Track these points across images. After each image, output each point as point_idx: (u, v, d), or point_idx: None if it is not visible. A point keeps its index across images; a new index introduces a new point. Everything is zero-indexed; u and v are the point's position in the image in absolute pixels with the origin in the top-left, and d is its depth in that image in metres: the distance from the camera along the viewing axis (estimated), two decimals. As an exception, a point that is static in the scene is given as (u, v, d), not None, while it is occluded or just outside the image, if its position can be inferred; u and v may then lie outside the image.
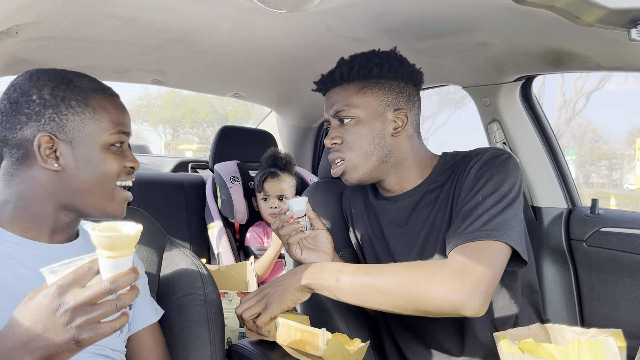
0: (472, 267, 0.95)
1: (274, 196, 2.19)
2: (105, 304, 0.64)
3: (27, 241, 0.87)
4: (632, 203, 14.51)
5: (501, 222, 1.01)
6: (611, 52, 1.22)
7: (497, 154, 1.10)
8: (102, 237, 0.63)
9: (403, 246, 1.19)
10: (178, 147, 20.90)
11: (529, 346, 0.86)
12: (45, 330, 0.63)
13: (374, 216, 1.27)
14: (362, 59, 1.14)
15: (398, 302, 0.99)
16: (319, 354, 1.00)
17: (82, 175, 0.87)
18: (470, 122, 9.39)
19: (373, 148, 1.14)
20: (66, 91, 0.87)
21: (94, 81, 0.92)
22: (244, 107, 21.58)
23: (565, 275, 1.61)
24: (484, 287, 0.94)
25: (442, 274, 0.96)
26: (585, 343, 0.81)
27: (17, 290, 0.81)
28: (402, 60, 1.16)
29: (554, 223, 1.64)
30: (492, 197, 1.04)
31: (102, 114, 0.89)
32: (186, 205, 2.44)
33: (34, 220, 0.88)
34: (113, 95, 0.94)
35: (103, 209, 0.91)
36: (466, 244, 1.00)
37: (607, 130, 28.65)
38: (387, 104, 1.14)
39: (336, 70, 1.17)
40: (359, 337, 1.11)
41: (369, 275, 1.02)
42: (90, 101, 0.89)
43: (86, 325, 0.63)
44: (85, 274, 0.65)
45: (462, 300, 0.93)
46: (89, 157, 0.88)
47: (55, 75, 0.89)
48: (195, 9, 1.26)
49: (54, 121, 0.86)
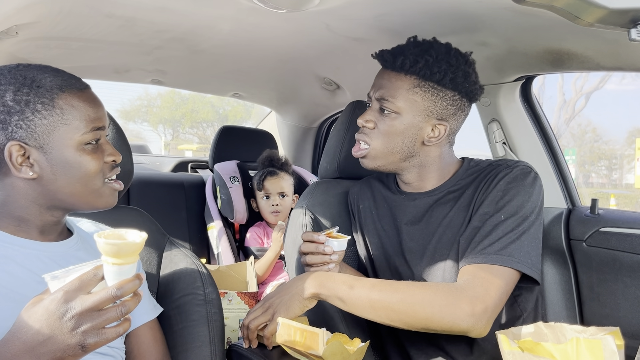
0: (484, 294, 0.99)
1: (275, 193, 2.20)
2: (111, 310, 0.65)
3: (21, 240, 0.87)
4: (632, 203, 14.51)
5: (518, 247, 1.04)
6: (611, 52, 1.22)
7: (526, 171, 1.12)
8: (108, 244, 0.64)
9: (416, 243, 1.19)
10: (178, 147, 20.89)
11: (528, 345, 0.86)
12: (51, 336, 0.63)
13: (386, 212, 1.27)
14: (429, 58, 1.08)
15: (409, 321, 1.02)
16: (319, 353, 1.00)
17: (61, 179, 0.85)
18: (471, 122, 9.38)
19: (400, 147, 1.14)
20: (30, 94, 0.82)
21: (58, 76, 0.86)
22: (244, 107, 21.58)
23: (565, 275, 1.61)
24: (489, 314, 0.99)
25: (455, 299, 0.99)
26: (583, 342, 0.81)
27: (12, 290, 0.81)
28: (467, 75, 1.11)
29: (554, 223, 1.64)
30: (513, 218, 1.06)
31: (71, 113, 0.84)
32: (186, 205, 2.44)
33: (20, 224, 0.87)
34: (81, 88, 0.87)
35: (92, 205, 0.89)
36: (481, 265, 1.03)
37: (607, 130, 28.65)
38: (432, 111, 1.11)
39: (400, 56, 1.10)
40: (359, 337, 1.11)
41: (383, 292, 1.03)
42: (57, 101, 0.83)
43: (92, 330, 0.64)
44: (90, 280, 0.65)
45: (470, 326, 0.98)
46: (64, 160, 0.84)
47: (16, 76, 0.83)
48: (195, 9, 1.26)
49: (21, 128, 0.81)
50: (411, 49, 1.11)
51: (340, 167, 1.46)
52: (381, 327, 1.29)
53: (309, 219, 1.35)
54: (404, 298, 1.01)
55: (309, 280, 1.09)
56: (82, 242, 0.97)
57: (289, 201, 2.23)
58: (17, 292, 0.81)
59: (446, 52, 1.11)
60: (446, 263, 1.14)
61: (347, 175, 1.46)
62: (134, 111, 23.33)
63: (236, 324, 1.71)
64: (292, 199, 2.26)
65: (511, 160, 1.17)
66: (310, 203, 1.38)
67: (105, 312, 0.65)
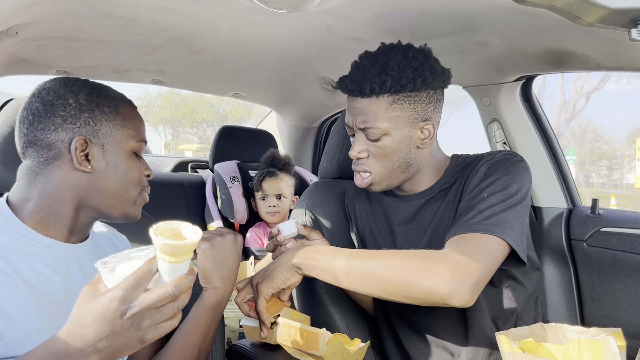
0: (465, 259, 0.95)
1: (272, 195, 2.19)
2: (168, 306, 0.68)
3: (46, 239, 0.89)
4: (632, 203, 14.50)
5: (502, 219, 1.01)
6: (611, 52, 1.22)
7: (508, 155, 1.11)
8: (166, 245, 0.65)
9: (409, 243, 1.19)
10: (178, 147, 20.89)
11: (529, 345, 0.86)
12: (112, 332, 0.66)
13: (380, 213, 1.27)
14: (393, 73, 1.06)
15: (388, 287, 0.99)
16: (319, 353, 1.00)
17: (110, 178, 0.92)
18: (471, 122, 9.30)
19: (399, 162, 1.13)
20: (99, 97, 0.92)
21: (119, 92, 0.98)
22: (244, 107, 21.57)
23: (566, 275, 1.61)
24: (473, 280, 0.93)
25: (434, 263, 0.96)
26: (585, 342, 0.81)
27: (35, 288, 0.83)
28: (433, 69, 1.09)
29: (554, 223, 1.64)
30: (497, 195, 1.04)
31: (130, 122, 0.95)
32: (186, 205, 2.44)
33: (55, 219, 0.90)
34: (134, 106, 1.00)
35: (125, 212, 0.96)
36: (463, 234, 1.01)
37: (607, 130, 28.66)
38: (416, 116, 1.10)
39: (364, 82, 1.07)
40: (359, 337, 1.11)
41: (362, 259, 1.02)
42: (120, 109, 0.94)
43: (150, 326, 0.67)
44: (146, 276, 0.68)
45: (451, 291, 0.92)
46: (118, 162, 0.93)
47: (87, 83, 0.94)
48: (195, 9, 1.26)
49: (88, 125, 0.90)
50: (370, 69, 1.07)
51: (341, 167, 1.46)
52: (381, 327, 1.29)
53: (309, 219, 1.35)
54: (381, 263, 0.99)
55: (291, 254, 1.08)
56: (94, 246, 1.00)
57: (287, 203, 2.22)
58: (40, 290, 0.84)
59: (404, 57, 1.08)
60: None
61: (347, 175, 1.46)
62: (134, 111, 23.26)
63: (236, 324, 1.71)
64: (292, 200, 2.25)
65: (495, 151, 1.17)
66: (310, 203, 1.38)
67: (163, 309, 0.68)
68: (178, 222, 0.70)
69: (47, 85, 0.92)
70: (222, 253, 0.94)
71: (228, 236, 0.96)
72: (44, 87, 0.92)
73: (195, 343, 0.95)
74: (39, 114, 0.89)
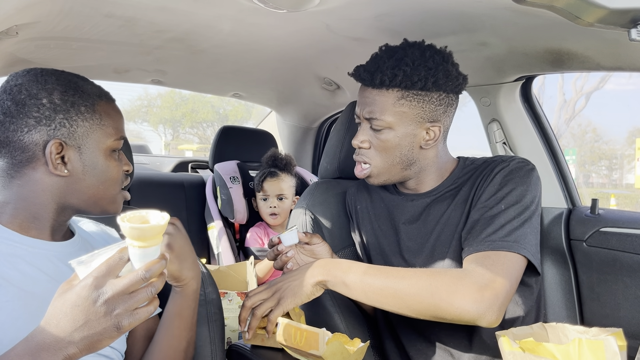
0: (493, 280, 0.97)
1: (273, 196, 2.19)
2: (141, 291, 0.68)
3: (30, 239, 0.88)
4: (632, 203, 14.50)
5: (522, 235, 1.03)
6: (611, 52, 1.22)
7: (522, 164, 1.12)
8: (133, 229, 0.66)
9: (414, 242, 1.19)
10: (178, 147, 20.89)
11: (530, 345, 0.86)
12: (87, 321, 0.66)
13: (383, 212, 1.27)
14: (406, 68, 1.06)
15: (417, 307, 1.00)
16: (319, 353, 1.00)
17: (89, 180, 0.89)
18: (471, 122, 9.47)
19: (399, 159, 1.13)
20: (75, 96, 0.88)
21: (96, 86, 0.93)
22: (244, 107, 21.57)
23: (565, 275, 1.61)
24: (501, 300, 0.96)
25: (463, 284, 0.97)
26: (585, 342, 0.81)
27: (22, 289, 0.82)
28: (448, 72, 1.09)
29: (554, 223, 1.64)
30: (514, 207, 1.06)
31: (107, 120, 0.91)
32: (186, 205, 2.44)
33: (34, 221, 0.89)
34: (112, 100, 0.95)
35: (105, 209, 0.94)
36: (487, 252, 1.02)
37: (607, 130, 28.64)
38: (423, 116, 1.10)
39: (377, 73, 1.08)
40: (359, 337, 1.11)
41: (391, 278, 1.02)
42: (97, 107, 0.90)
43: (125, 312, 0.67)
44: (117, 264, 0.68)
45: (481, 313, 0.94)
46: (95, 163, 0.90)
47: (62, 79, 0.89)
48: (195, 9, 1.26)
49: (64, 126, 0.86)
50: (386, 62, 1.08)
51: (341, 167, 1.46)
52: (381, 327, 1.29)
53: (309, 219, 1.35)
54: (412, 284, 0.99)
55: (316, 268, 1.08)
56: (83, 243, 0.98)
57: (288, 203, 2.22)
58: (27, 291, 0.83)
59: (421, 55, 1.08)
60: (444, 261, 1.14)
61: (347, 175, 1.46)
62: (134, 111, 23.32)
63: (236, 324, 1.71)
64: (293, 200, 2.25)
65: (506, 155, 1.17)
66: (310, 203, 1.38)
67: (136, 294, 0.67)
68: (146, 210, 0.72)
69: (19, 82, 0.87)
70: (179, 248, 0.91)
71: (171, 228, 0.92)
72: (15, 82, 0.87)
73: (183, 336, 0.96)
74: (11, 113, 0.84)
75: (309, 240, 1.20)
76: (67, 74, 0.91)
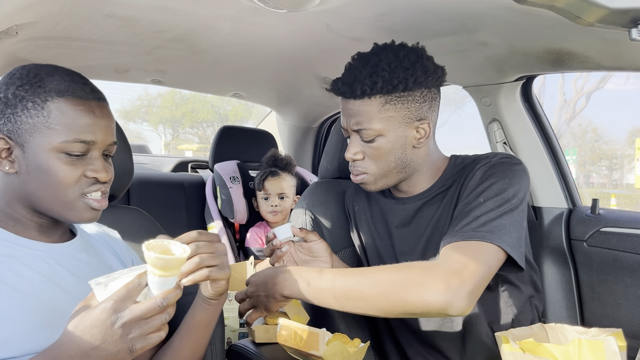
0: (461, 268, 0.94)
1: (274, 195, 2.19)
2: (156, 318, 0.70)
3: (26, 240, 0.87)
4: (632, 203, 14.50)
5: (498, 225, 1.00)
6: (612, 52, 1.22)
7: (505, 159, 1.10)
8: (158, 259, 0.69)
9: (407, 246, 1.19)
10: (178, 147, 20.89)
11: (530, 346, 0.86)
12: (103, 342, 0.69)
13: (378, 215, 1.27)
14: (384, 73, 1.05)
15: (384, 306, 0.97)
16: (319, 354, 1.00)
17: (34, 181, 0.84)
18: (471, 122, 9.27)
19: (394, 163, 1.12)
20: (28, 91, 0.83)
21: (65, 81, 0.85)
22: (244, 107, 21.57)
23: (566, 275, 1.61)
24: (469, 288, 0.92)
25: (427, 275, 0.94)
26: (585, 343, 0.81)
27: (17, 289, 0.82)
28: (425, 68, 1.08)
29: (554, 223, 1.64)
30: (493, 200, 1.03)
31: (58, 119, 0.82)
32: (186, 205, 2.44)
33: (14, 223, 0.88)
34: (84, 98, 0.85)
35: (63, 216, 0.87)
36: (459, 242, 0.99)
37: (608, 130, 28.65)
38: (410, 116, 1.09)
39: (356, 84, 1.07)
40: (359, 337, 1.11)
41: (352, 279, 0.99)
42: (49, 104, 0.82)
43: (139, 337, 0.70)
44: (135, 289, 0.71)
45: (447, 301, 0.91)
46: (38, 163, 0.83)
47: (29, 73, 0.84)
48: (195, 9, 1.26)
49: (10, 122, 0.83)
50: (362, 71, 1.07)
51: (341, 167, 1.46)
52: (380, 328, 1.29)
53: (309, 219, 1.35)
54: (374, 283, 0.97)
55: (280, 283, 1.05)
56: (85, 244, 0.97)
57: (289, 202, 2.22)
58: (22, 291, 0.82)
59: (395, 57, 1.07)
60: None
61: (347, 175, 1.46)
62: (134, 111, 23.31)
63: (236, 324, 1.71)
64: (294, 200, 2.25)
65: (493, 152, 1.16)
66: (310, 203, 1.38)
67: (151, 320, 0.70)
68: (167, 240, 0.75)
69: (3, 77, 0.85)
70: None
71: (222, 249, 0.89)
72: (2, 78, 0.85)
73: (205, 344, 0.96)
74: None
75: (305, 236, 1.19)
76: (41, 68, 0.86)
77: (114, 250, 1.04)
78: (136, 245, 1.17)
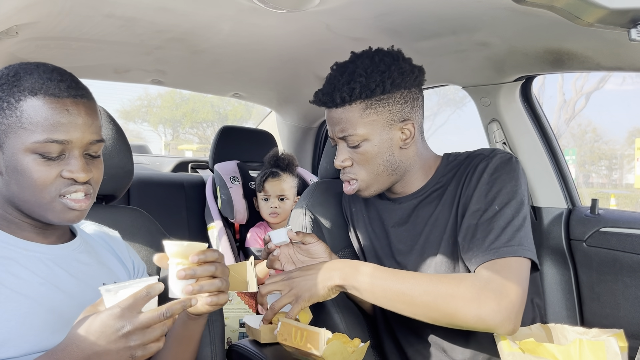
0: (507, 288, 0.97)
1: (274, 196, 2.19)
2: (157, 327, 0.73)
3: (24, 242, 0.87)
4: (632, 203, 14.51)
5: (524, 235, 1.04)
6: (611, 52, 1.22)
7: (505, 158, 1.12)
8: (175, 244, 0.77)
9: (404, 245, 1.19)
10: (178, 147, 20.89)
11: (530, 346, 0.86)
12: (107, 347, 0.70)
13: (375, 215, 1.27)
14: (361, 79, 1.07)
15: (434, 315, 1.01)
16: (319, 353, 1.00)
17: (13, 183, 0.82)
18: (471, 122, 9.30)
19: (383, 166, 1.13)
20: (5, 91, 0.81)
21: (43, 80, 0.82)
22: (244, 107, 21.56)
23: (565, 275, 1.61)
24: (517, 309, 0.96)
25: (479, 293, 0.97)
26: (586, 343, 0.81)
27: (15, 291, 0.82)
28: (401, 69, 1.10)
29: (554, 223, 1.64)
30: (509, 206, 1.06)
31: (30, 118, 0.80)
32: (186, 205, 2.44)
33: (8, 224, 0.88)
34: (59, 96, 0.82)
35: (43, 217, 0.85)
36: (494, 260, 1.01)
37: (607, 130, 28.68)
38: (393, 118, 1.11)
39: (335, 93, 1.09)
40: (359, 337, 1.11)
41: (406, 284, 1.02)
42: (22, 104, 0.80)
43: (140, 345, 0.72)
44: (143, 299, 0.73)
45: (499, 322, 0.95)
46: (14, 164, 0.81)
47: (10, 72, 0.83)
48: (195, 9, 1.26)
49: None
50: (340, 79, 1.10)
51: (341, 167, 1.46)
52: (380, 328, 1.29)
53: (309, 219, 1.35)
54: (428, 290, 1.00)
55: (335, 271, 1.08)
56: (84, 245, 0.97)
57: (289, 204, 2.21)
58: (20, 293, 0.82)
59: (371, 62, 1.09)
60: (435, 262, 1.14)
61: (347, 175, 1.46)
62: (134, 111, 23.31)
63: (236, 324, 1.71)
64: (294, 200, 2.24)
65: (487, 149, 1.16)
66: (310, 203, 1.38)
67: (153, 330, 0.72)
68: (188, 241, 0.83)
69: None
70: None
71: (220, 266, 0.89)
72: None
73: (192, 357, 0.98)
74: None
75: (302, 239, 1.19)
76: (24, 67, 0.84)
77: (114, 250, 1.04)
78: (136, 245, 1.17)
